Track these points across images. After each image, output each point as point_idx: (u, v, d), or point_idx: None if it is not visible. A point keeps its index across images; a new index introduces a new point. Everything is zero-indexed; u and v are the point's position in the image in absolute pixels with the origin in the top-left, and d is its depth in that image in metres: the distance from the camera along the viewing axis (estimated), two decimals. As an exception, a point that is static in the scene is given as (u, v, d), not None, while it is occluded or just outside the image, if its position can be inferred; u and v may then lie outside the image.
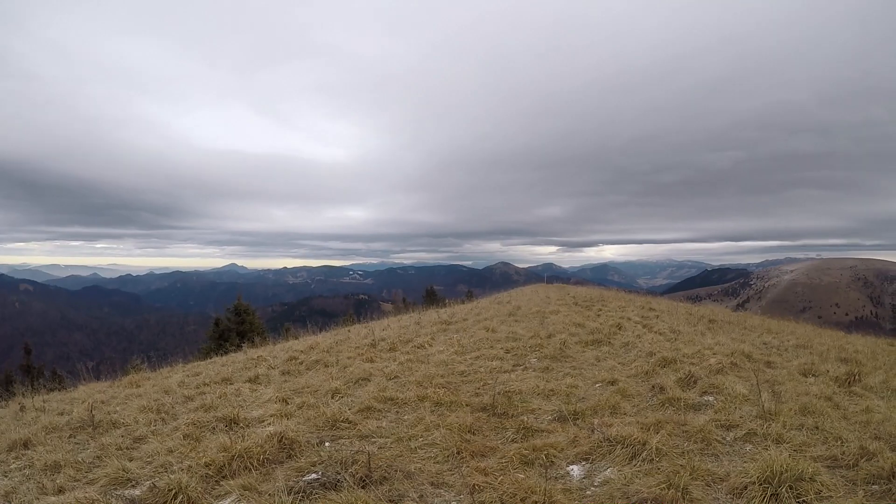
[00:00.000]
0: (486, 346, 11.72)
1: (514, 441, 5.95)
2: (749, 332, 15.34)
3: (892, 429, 5.95)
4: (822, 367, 9.47)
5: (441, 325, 16.02)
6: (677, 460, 5.22)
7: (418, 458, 5.54)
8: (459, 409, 7.03)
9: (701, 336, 13.08)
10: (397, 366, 10.05)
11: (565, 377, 8.97)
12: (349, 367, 10.30)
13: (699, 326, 15.58)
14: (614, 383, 8.34)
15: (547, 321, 15.11)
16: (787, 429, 6.00)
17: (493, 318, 16.46)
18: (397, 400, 7.56)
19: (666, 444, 5.62)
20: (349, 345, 13.70)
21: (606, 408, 7.07)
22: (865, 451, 5.17)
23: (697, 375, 8.38)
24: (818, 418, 6.31)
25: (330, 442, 6.05)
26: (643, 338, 12.37)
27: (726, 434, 6.10)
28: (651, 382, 8.33)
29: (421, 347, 12.13)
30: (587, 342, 11.99)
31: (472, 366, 9.80)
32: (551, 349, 10.95)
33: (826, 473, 4.83)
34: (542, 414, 6.95)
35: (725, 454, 5.57)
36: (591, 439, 5.83)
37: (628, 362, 10.00)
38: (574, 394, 7.89)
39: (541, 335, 12.59)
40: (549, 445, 5.69)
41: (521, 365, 9.95)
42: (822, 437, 5.81)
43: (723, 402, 7.16)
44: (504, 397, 7.55)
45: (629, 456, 5.37)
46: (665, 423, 6.29)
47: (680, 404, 7.17)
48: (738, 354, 10.19)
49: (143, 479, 5.40)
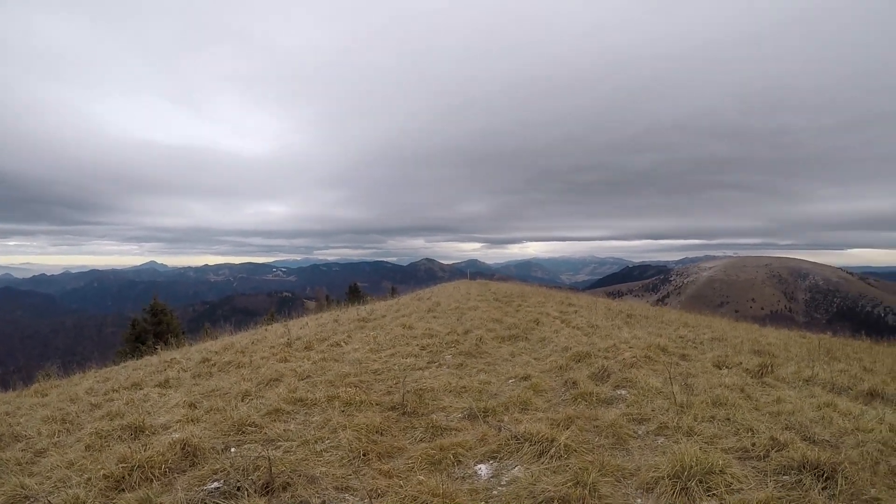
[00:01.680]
0: (402, 343, 11.81)
1: (423, 441, 6.06)
2: (666, 326, 16.07)
3: (803, 419, 6.33)
4: (736, 359, 10.01)
5: (359, 323, 16.04)
6: (586, 456, 5.37)
7: (323, 461, 5.51)
8: (369, 408, 7.12)
9: (618, 330, 13.57)
10: (311, 365, 9.99)
11: (479, 373, 9.14)
12: (262, 368, 10.17)
13: (617, 321, 16.15)
14: (528, 379, 8.53)
15: (465, 317, 15.35)
16: (698, 421, 6.29)
17: (411, 315, 16.61)
18: (307, 401, 7.57)
19: (576, 440, 5.76)
20: (265, 344, 13.58)
21: (518, 404, 7.22)
22: (776, 442, 5.47)
23: (611, 369, 8.68)
24: (730, 410, 6.64)
25: (236, 447, 5.98)
26: (560, 333, 12.76)
27: (638, 428, 6.33)
28: (565, 377, 8.56)
29: (337, 346, 12.09)
30: (504, 338, 12.28)
31: (387, 363, 9.88)
32: (467, 345, 11.12)
33: (737, 465, 5.09)
34: (452, 412, 7.06)
35: (637, 448, 5.77)
36: (500, 437, 5.94)
37: (543, 357, 10.28)
38: (487, 390, 8.06)
39: (458, 331, 12.77)
40: (458, 444, 5.76)
41: (436, 362, 10.09)
42: (733, 428, 6.11)
43: (636, 395, 7.43)
44: (415, 395, 7.63)
45: (537, 453, 5.48)
46: (576, 418, 6.47)
47: (592, 399, 7.40)
48: (653, 348, 10.63)
49: (41, 496, 5.13)
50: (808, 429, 6.01)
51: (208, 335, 20.32)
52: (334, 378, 8.73)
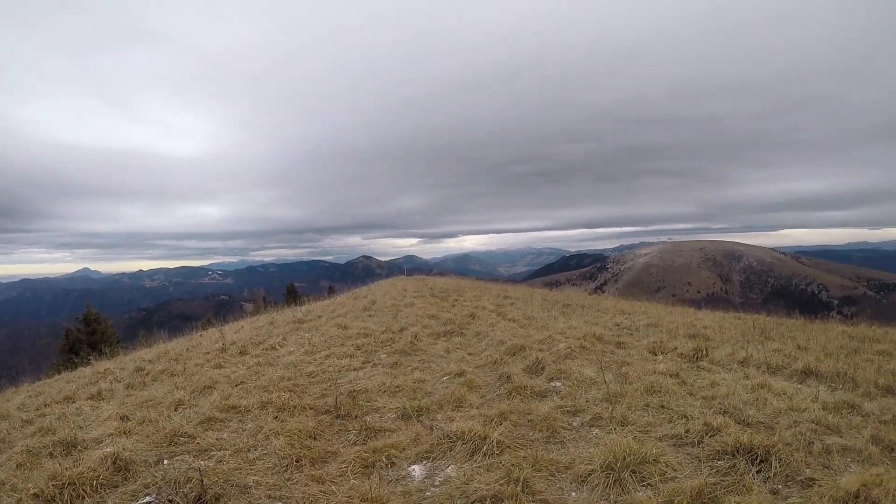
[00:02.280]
0: (337, 343, 11.65)
1: (357, 444, 6.04)
2: (602, 314, 16.27)
3: (737, 402, 6.46)
4: (671, 344, 10.20)
5: (294, 325, 15.77)
6: (520, 452, 5.36)
7: (256, 470, 5.42)
8: (303, 413, 7.06)
9: (554, 321, 13.70)
10: (245, 370, 9.83)
11: (414, 372, 9.11)
12: (195, 376, 9.94)
13: (553, 311, 16.33)
14: (462, 375, 8.51)
15: (401, 314, 15.29)
16: (632, 410, 6.36)
17: (347, 314, 16.43)
18: (240, 408, 7.44)
19: (509, 435, 5.76)
20: (199, 351, 13.28)
21: (452, 402, 7.19)
22: (710, 427, 5.56)
23: (546, 362, 8.72)
24: (664, 397, 6.76)
25: (168, 459, 5.86)
26: (496, 326, 12.80)
27: (573, 420, 6.36)
28: (499, 372, 8.59)
29: (272, 349, 11.87)
30: (439, 334, 12.26)
31: (322, 365, 9.75)
32: (402, 343, 11.08)
33: (671, 453, 5.15)
34: (386, 412, 7.05)
35: (572, 440, 5.79)
36: (433, 437, 5.90)
37: (479, 352, 10.28)
38: (421, 389, 8.03)
39: (393, 329, 12.71)
40: (391, 446, 5.74)
41: (371, 362, 10.02)
42: (667, 415, 6.20)
43: (570, 387, 7.48)
44: (349, 398, 7.54)
45: (470, 452, 5.45)
46: (510, 413, 6.47)
47: (527, 392, 7.42)
48: (589, 337, 10.76)
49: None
50: (742, 411, 6.13)
51: (144, 343, 19.88)
52: (268, 383, 8.64)
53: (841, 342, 11.11)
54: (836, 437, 5.45)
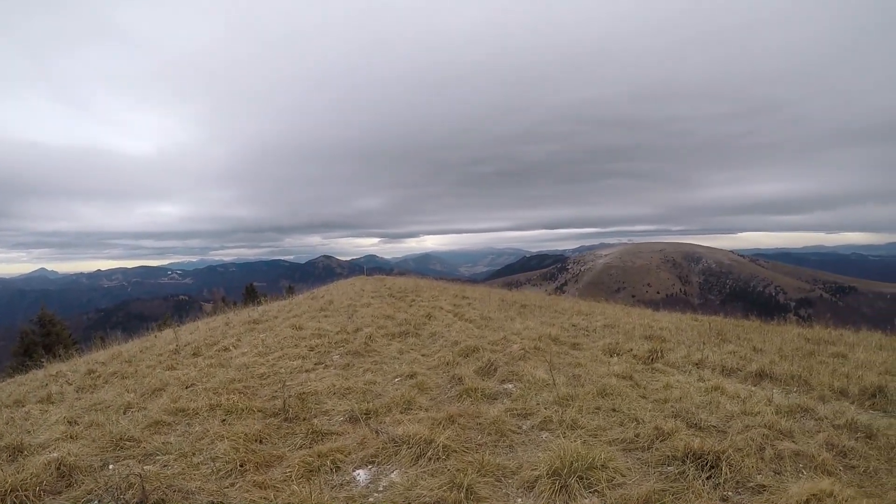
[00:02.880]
0: (290, 344, 11.48)
1: (303, 447, 5.92)
2: (560, 314, 16.31)
3: (690, 405, 6.44)
4: (627, 345, 10.21)
5: (249, 325, 15.54)
6: (466, 456, 5.28)
7: (200, 475, 5.27)
8: (251, 416, 6.96)
9: (510, 322, 13.69)
10: (197, 372, 9.61)
11: (365, 373, 8.99)
12: (147, 378, 9.65)
13: (510, 312, 16.33)
14: (414, 377, 8.43)
15: (357, 315, 15.13)
16: (583, 413, 6.31)
17: (303, 315, 16.26)
18: (188, 411, 7.28)
19: (456, 439, 5.68)
20: (153, 352, 12.93)
21: (401, 404, 7.10)
22: (661, 432, 5.53)
23: (498, 363, 8.66)
24: (616, 399, 6.72)
25: (114, 464, 5.69)
26: (452, 327, 12.73)
27: (523, 423, 6.29)
28: (451, 373, 8.48)
29: (225, 350, 11.64)
30: (394, 334, 12.16)
31: (274, 367, 9.61)
32: (356, 344, 10.93)
33: (621, 458, 5.09)
34: (335, 415, 6.94)
35: (521, 444, 5.72)
36: (378, 440, 5.79)
37: (432, 353, 10.19)
38: (372, 391, 7.92)
39: (348, 330, 12.56)
40: (337, 450, 5.64)
41: (323, 363, 9.88)
42: (618, 419, 6.15)
43: (522, 389, 7.42)
44: (298, 400, 7.42)
45: (415, 456, 5.37)
46: (459, 416, 6.38)
47: (478, 395, 7.35)
48: (544, 338, 10.76)
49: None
50: (694, 415, 6.13)
51: (99, 345, 19.46)
52: (219, 385, 8.41)
53: (796, 344, 11.22)
54: (788, 442, 5.43)
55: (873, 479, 4.87)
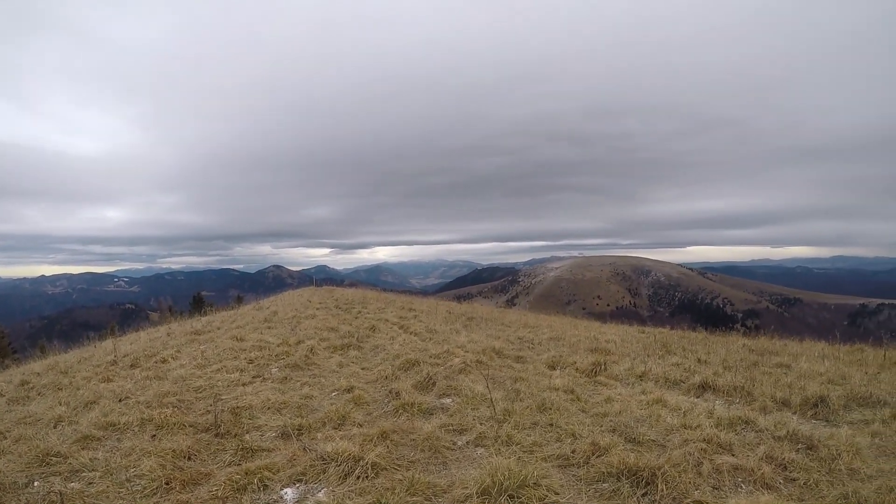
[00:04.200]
0: (230, 356, 11.19)
1: (232, 464, 5.78)
2: (506, 327, 16.28)
3: (630, 419, 6.38)
4: (571, 358, 10.20)
5: (191, 336, 15.13)
6: (396, 474, 5.16)
7: (125, 492, 5.18)
8: (182, 431, 6.79)
9: (456, 334, 13.61)
10: (133, 385, 9.30)
11: (303, 387, 8.82)
12: (81, 390, 9.30)
13: (456, 325, 16.25)
14: (351, 391, 8.30)
15: (300, 326, 14.92)
16: (520, 429, 6.22)
17: (246, 326, 15.94)
18: (119, 425, 7.10)
19: (388, 456, 5.56)
20: (91, 363, 12.41)
21: (335, 419, 6.95)
22: (597, 447, 5.45)
23: (438, 377, 8.57)
24: (555, 414, 6.66)
25: (40, 481, 5.55)
26: (396, 339, 12.66)
27: (458, 439, 6.19)
28: (389, 387, 8.37)
29: (163, 362, 11.28)
30: (337, 347, 11.98)
31: (211, 380, 9.34)
32: (297, 357, 10.74)
33: (556, 474, 5.00)
34: (267, 431, 6.79)
35: (454, 461, 5.62)
36: (308, 457, 5.63)
37: (373, 367, 10.08)
38: (307, 405, 7.76)
39: (290, 342, 12.33)
40: (266, 467, 5.48)
41: (261, 376, 9.66)
42: (556, 434, 6.08)
43: (460, 404, 7.33)
44: (231, 414, 7.24)
45: (343, 474, 5.23)
46: (392, 432, 6.28)
47: (414, 410, 7.25)
48: (488, 351, 10.69)
49: None
50: (633, 429, 6.08)
51: (39, 354, 18.81)
52: (153, 398, 8.20)
53: (741, 355, 11.33)
54: (728, 455, 5.41)
55: (814, 491, 4.85)
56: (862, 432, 6.28)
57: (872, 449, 5.82)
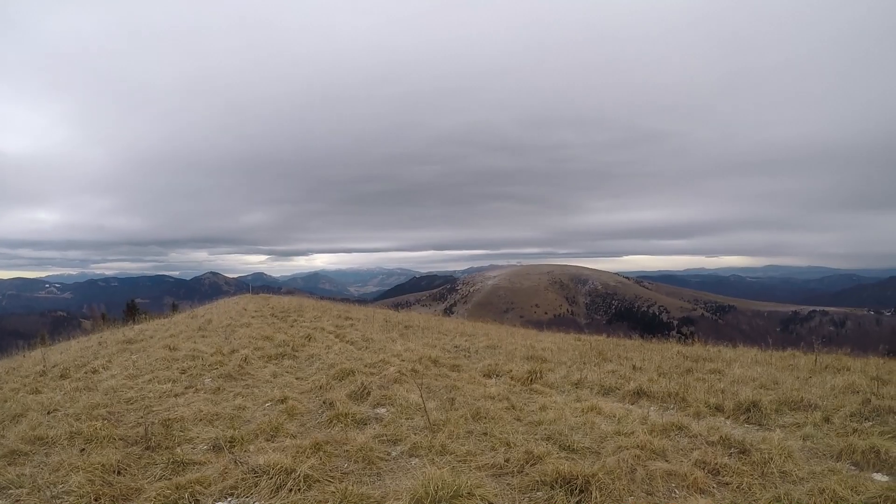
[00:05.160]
0: (162, 366, 10.87)
1: (163, 478, 5.60)
2: (443, 336, 16.30)
3: (564, 427, 6.42)
4: (507, 366, 10.27)
5: (123, 345, 14.67)
6: (329, 486, 5.06)
7: None
8: (112, 444, 6.55)
9: (392, 343, 13.55)
10: (62, 396, 8.96)
11: (236, 398, 8.62)
12: (8, 402, 8.91)
13: (393, 333, 16.21)
14: (285, 401, 8.15)
15: (235, 335, 14.58)
16: (454, 438, 6.21)
17: (180, 335, 15.54)
18: (47, 439, 6.82)
19: (321, 468, 5.46)
20: (19, 374, 11.99)
21: (268, 431, 6.83)
22: (531, 455, 5.46)
23: (372, 386, 8.48)
24: (489, 423, 6.66)
25: None
26: (332, 348, 12.53)
27: (392, 449, 6.15)
28: (323, 397, 8.25)
29: (94, 372, 10.88)
30: (271, 356, 11.79)
31: (143, 391, 9.07)
32: (231, 366, 10.52)
33: (490, 484, 4.98)
34: (199, 443, 6.62)
35: (388, 472, 5.58)
36: (239, 470, 5.47)
37: (307, 377, 9.95)
38: (240, 417, 7.60)
39: (224, 351, 12.03)
40: (197, 481, 5.34)
41: (194, 386, 9.41)
42: (490, 443, 6.08)
43: (395, 413, 7.29)
44: (163, 427, 7.02)
45: (275, 487, 5.12)
46: (325, 443, 6.17)
47: (348, 420, 7.16)
48: (424, 360, 10.66)
49: None
50: (568, 437, 6.13)
51: None
52: (82, 410, 7.88)
53: (675, 362, 11.57)
54: (661, 461, 5.48)
55: (747, 494, 4.94)
56: (794, 435, 6.48)
57: (804, 452, 5.99)
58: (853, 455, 5.74)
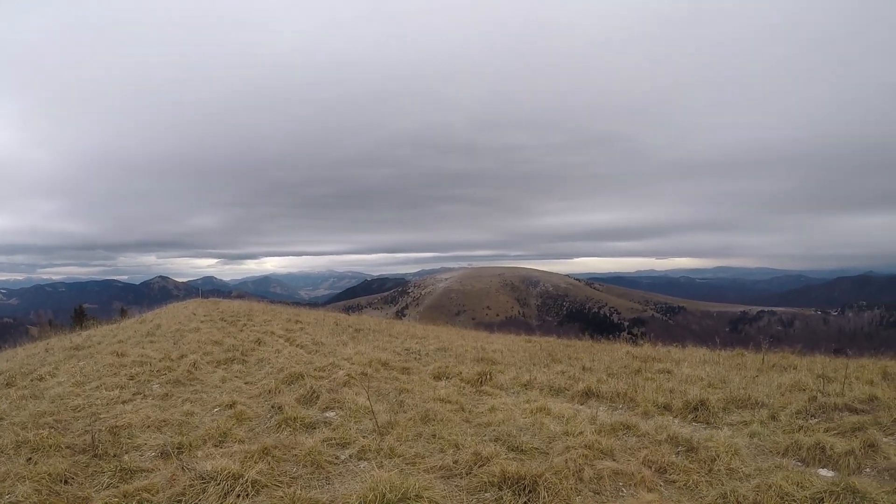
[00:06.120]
0: (110, 373, 10.67)
1: (110, 486, 5.53)
2: (394, 338, 16.34)
3: (513, 428, 6.50)
4: (457, 369, 10.35)
5: (71, 351, 14.34)
6: (277, 492, 5.04)
7: None
8: (59, 452, 6.43)
9: (342, 347, 13.56)
10: (8, 405, 8.70)
11: (184, 403, 8.53)
12: None
13: (343, 337, 16.21)
14: (233, 406, 8.08)
15: (183, 340, 14.43)
16: (402, 441, 6.23)
17: (128, 340, 15.27)
18: None
19: (269, 473, 5.44)
20: None
21: (217, 436, 6.79)
22: (480, 457, 5.51)
23: (321, 390, 8.46)
24: (438, 425, 6.71)
25: None
26: (282, 353, 12.49)
27: (341, 453, 6.14)
28: (272, 402, 8.18)
29: (41, 379, 10.63)
30: (220, 361, 11.70)
31: (90, 398, 8.86)
32: (179, 372, 10.42)
33: (439, 486, 5.02)
34: (146, 450, 6.55)
35: (337, 476, 5.57)
36: (187, 477, 5.40)
37: (257, 381, 9.90)
38: (189, 422, 7.52)
39: (172, 356, 11.90)
40: (145, 489, 5.27)
41: (142, 393, 9.27)
42: (439, 445, 6.12)
43: (343, 417, 7.30)
44: (110, 434, 6.90)
45: (223, 493, 5.07)
46: (273, 448, 6.12)
47: (297, 424, 7.14)
48: (374, 363, 10.69)
49: None
50: (516, 438, 6.20)
51: None
52: (29, 419, 7.67)
53: (625, 362, 11.73)
54: (609, 461, 5.57)
55: (694, 492, 5.06)
56: (741, 433, 6.64)
57: (751, 449, 6.15)
58: (799, 451, 5.91)
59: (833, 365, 10.77)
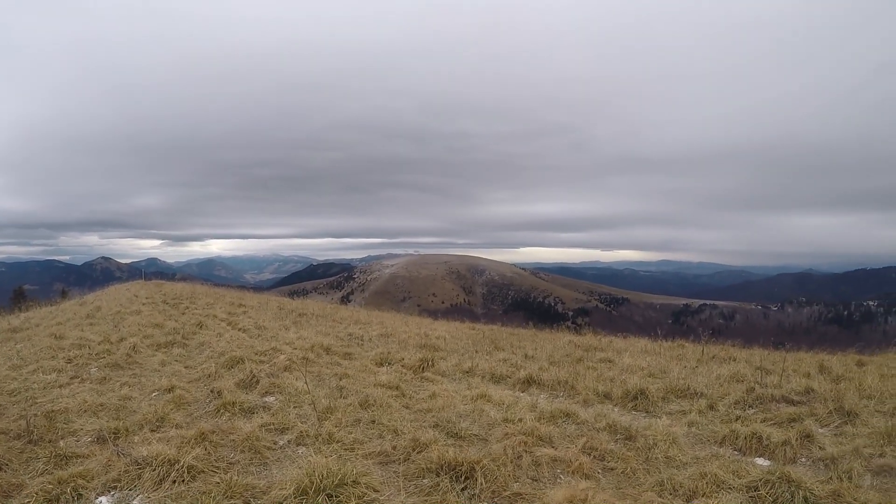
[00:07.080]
0: (48, 356, 10.43)
1: (45, 473, 5.37)
2: (338, 324, 16.31)
3: (452, 414, 6.57)
4: (399, 355, 10.37)
5: (7, 334, 14.09)
6: (213, 477, 4.98)
7: None
8: None
9: (285, 331, 13.51)
10: None
11: (122, 388, 8.35)
12: None
13: (286, 321, 16.14)
14: (172, 390, 7.97)
15: (124, 323, 14.20)
16: (341, 427, 6.21)
17: (67, 322, 15.01)
18: None
19: (206, 458, 5.36)
20: None
21: (154, 421, 6.68)
22: (418, 443, 5.53)
23: (261, 375, 8.37)
24: (378, 411, 6.70)
25: None
26: (223, 336, 12.32)
27: (279, 439, 6.10)
28: (212, 386, 8.08)
29: None
30: (161, 344, 11.54)
31: (27, 381, 8.63)
32: (118, 355, 10.21)
33: (377, 472, 5.03)
34: (83, 435, 6.41)
35: (275, 462, 5.54)
36: (122, 462, 5.32)
37: (196, 365, 9.79)
38: (126, 407, 7.40)
39: (112, 339, 11.64)
40: (80, 475, 5.13)
41: (80, 376, 9.04)
42: (378, 431, 6.13)
43: (283, 402, 7.24)
44: (46, 419, 6.74)
45: (159, 479, 4.99)
46: (211, 433, 6.03)
47: (236, 409, 7.05)
48: (316, 348, 10.65)
49: None
50: (455, 424, 6.25)
51: None
52: None
53: (567, 351, 11.89)
54: (548, 448, 5.64)
55: (631, 479, 5.16)
56: (679, 422, 6.78)
57: (689, 437, 6.31)
58: (736, 441, 6.07)
59: (772, 358, 11.09)
